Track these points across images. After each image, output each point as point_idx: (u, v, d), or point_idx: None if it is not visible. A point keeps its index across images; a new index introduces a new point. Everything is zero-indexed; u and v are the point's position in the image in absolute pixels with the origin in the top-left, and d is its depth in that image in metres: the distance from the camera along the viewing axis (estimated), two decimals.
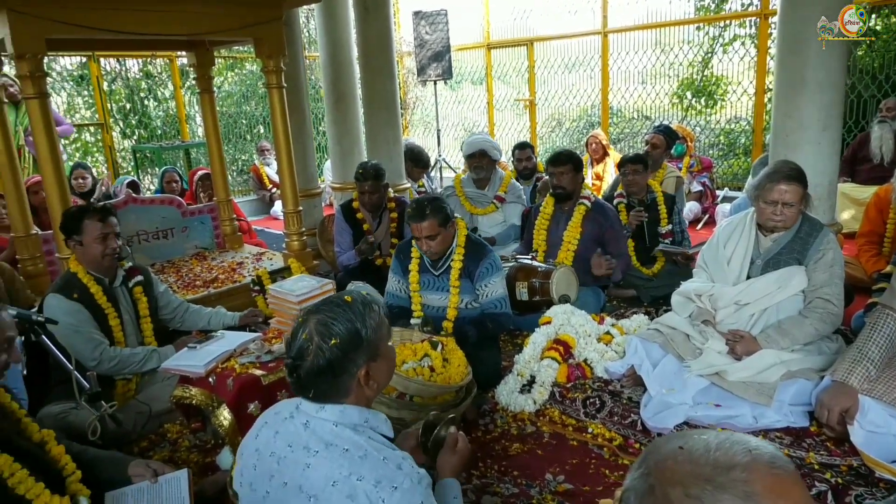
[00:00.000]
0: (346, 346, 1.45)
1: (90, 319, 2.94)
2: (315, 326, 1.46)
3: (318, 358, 1.43)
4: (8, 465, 1.78)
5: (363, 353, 1.48)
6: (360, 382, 1.48)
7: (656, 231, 4.35)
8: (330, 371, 1.44)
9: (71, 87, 8.03)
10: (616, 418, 2.77)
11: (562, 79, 8.80)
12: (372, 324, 1.50)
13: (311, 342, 1.45)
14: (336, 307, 1.49)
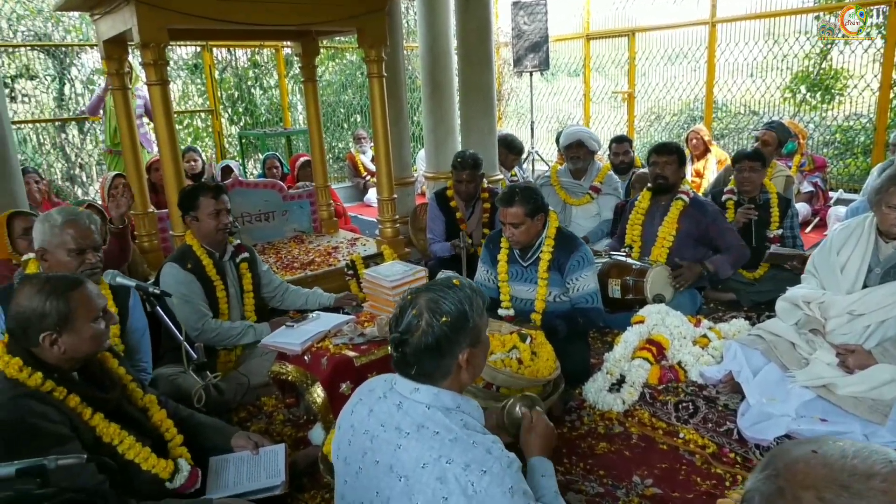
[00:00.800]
0: (454, 326, 1.46)
1: (200, 290, 3.13)
2: (426, 304, 1.48)
3: (426, 335, 1.45)
4: (117, 433, 1.91)
5: (467, 337, 1.49)
6: (459, 366, 1.49)
7: (764, 234, 4.11)
8: (437, 349, 1.45)
9: (185, 76, 8.52)
10: (710, 425, 2.67)
11: (663, 71, 8.50)
12: (478, 309, 1.51)
13: (421, 318, 1.46)
14: (446, 288, 1.51)
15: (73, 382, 1.87)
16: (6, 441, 1.66)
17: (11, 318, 1.81)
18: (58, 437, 1.73)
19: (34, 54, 7.63)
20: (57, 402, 1.79)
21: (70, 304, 1.80)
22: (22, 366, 1.76)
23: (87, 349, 1.86)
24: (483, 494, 1.31)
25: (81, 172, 7.91)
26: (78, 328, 1.81)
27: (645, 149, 8.56)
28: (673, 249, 3.83)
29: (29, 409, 1.71)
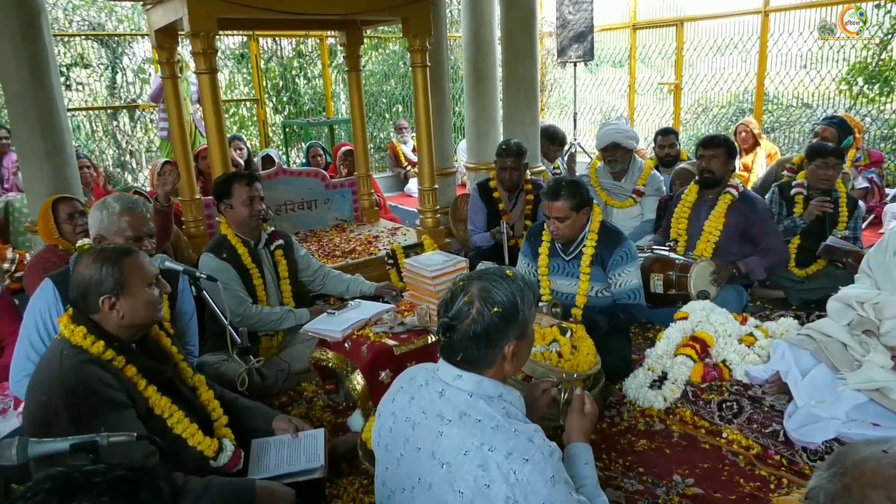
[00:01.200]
0: (504, 317, 1.45)
1: (237, 278, 3.19)
2: (478, 292, 1.47)
3: (476, 323, 1.44)
4: (168, 407, 1.97)
5: (516, 329, 1.48)
6: (504, 357, 1.48)
7: (830, 233, 3.97)
8: (485, 338, 1.45)
9: (232, 65, 8.66)
10: (755, 426, 2.60)
11: (711, 61, 8.28)
12: (528, 302, 1.50)
13: (472, 306, 1.46)
14: (500, 278, 1.50)
15: (131, 353, 1.94)
16: (71, 402, 1.73)
17: (73, 287, 1.90)
18: (116, 403, 1.80)
19: (88, 44, 7.86)
20: (116, 370, 1.86)
21: (124, 269, 1.88)
22: (86, 334, 1.84)
23: (142, 314, 1.92)
24: (524, 483, 1.30)
25: (131, 159, 8.13)
26: (133, 292, 1.89)
27: (691, 141, 8.38)
28: (719, 244, 3.74)
29: (91, 374, 1.79)
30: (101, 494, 0.75)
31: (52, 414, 1.73)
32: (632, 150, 4.80)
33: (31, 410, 1.80)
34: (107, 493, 0.75)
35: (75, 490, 0.75)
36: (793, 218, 4.00)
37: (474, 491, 1.33)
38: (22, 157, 3.84)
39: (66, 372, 1.77)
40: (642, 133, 8.63)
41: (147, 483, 0.78)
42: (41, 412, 1.75)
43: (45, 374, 1.81)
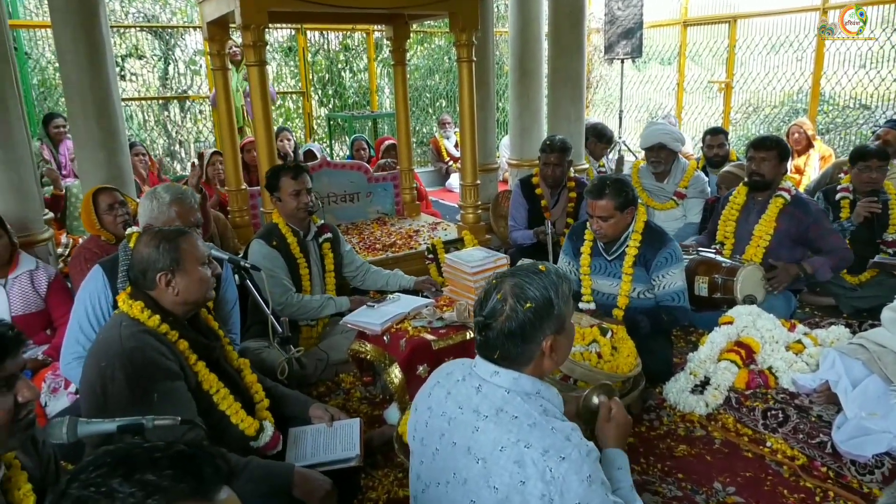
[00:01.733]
0: (539, 312, 1.44)
1: (284, 267, 3.24)
2: (511, 289, 1.47)
3: (510, 321, 1.44)
4: (216, 382, 2.04)
5: (552, 324, 1.47)
6: (543, 352, 1.47)
7: (880, 235, 3.83)
8: (520, 335, 1.44)
9: (280, 58, 8.78)
10: (801, 436, 2.52)
11: (764, 60, 8.04)
12: (563, 296, 1.48)
13: (506, 303, 1.45)
14: (532, 274, 1.49)
15: (184, 328, 2.02)
16: (130, 367, 1.81)
17: (132, 265, 2.00)
18: (170, 371, 1.87)
19: (143, 35, 8.07)
20: (170, 343, 1.94)
21: (180, 248, 1.97)
22: (143, 308, 1.93)
23: (195, 291, 1.99)
24: (560, 481, 1.29)
25: (180, 149, 8.33)
26: (188, 269, 1.97)
27: (740, 142, 8.17)
28: (769, 249, 3.63)
29: (148, 342, 1.88)
30: (164, 468, 0.76)
31: (108, 377, 1.81)
32: (677, 151, 4.69)
33: (90, 376, 1.87)
34: (170, 467, 0.77)
35: (137, 464, 0.77)
36: (840, 222, 3.87)
37: (509, 487, 1.32)
38: (77, 145, 3.97)
39: (126, 339, 1.86)
40: (689, 132, 8.45)
41: (207, 459, 0.80)
42: (98, 378, 1.83)
43: (105, 342, 1.90)
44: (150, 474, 0.76)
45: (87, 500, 0.74)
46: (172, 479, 0.76)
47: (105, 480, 0.75)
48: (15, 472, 1.39)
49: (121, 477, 0.75)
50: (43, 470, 1.51)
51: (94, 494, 0.74)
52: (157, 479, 0.75)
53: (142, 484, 0.75)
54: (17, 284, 3.07)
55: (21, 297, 3.06)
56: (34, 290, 3.10)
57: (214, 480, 0.79)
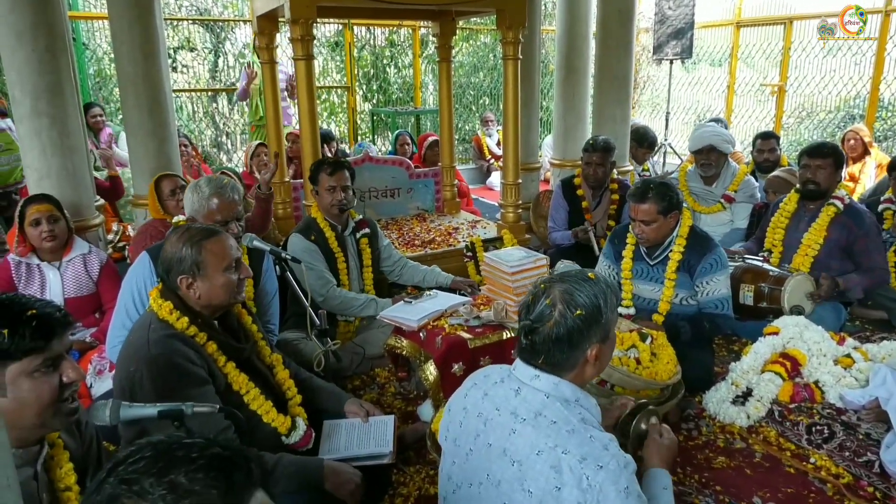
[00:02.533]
0: (587, 320, 1.43)
1: (322, 260, 3.27)
2: (560, 294, 1.46)
3: (559, 326, 1.43)
4: (245, 383, 2.03)
5: (599, 333, 1.46)
6: (587, 360, 1.46)
7: None
8: (567, 341, 1.43)
9: (326, 52, 8.87)
10: (847, 454, 2.43)
11: (820, 63, 7.79)
12: (611, 305, 1.47)
13: (555, 309, 1.44)
14: (582, 281, 1.48)
15: (213, 330, 2.01)
16: (157, 374, 1.82)
17: (160, 263, 1.99)
18: (196, 378, 1.87)
19: (194, 28, 8.25)
20: (198, 346, 1.94)
21: (202, 251, 1.93)
22: (172, 309, 1.92)
23: (218, 296, 1.97)
24: (597, 490, 1.27)
25: (227, 140, 8.49)
26: (210, 275, 1.94)
27: (792, 147, 7.93)
28: (817, 259, 3.51)
29: (175, 349, 1.87)
30: (198, 470, 0.78)
31: (137, 384, 1.82)
32: (727, 154, 4.57)
33: (120, 377, 1.90)
34: (203, 469, 0.78)
35: (173, 463, 0.78)
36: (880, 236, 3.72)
37: (544, 492, 1.31)
38: (129, 134, 4.07)
39: (153, 344, 1.86)
40: (739, 136, 8.24)
41: (241, 463, 0.81)
42: (128, 382, 1.84)
43: (134, 345, 1.90)
44: (183, 476, 0.77)
45: (119, 497, 0.76)
46: (204, 484, 0.77)
47: (138, 479, 0.77)
48: (58, 451, 1.42)
49: (154, 476, 0.77)
50: (85, 450, 1.55)
51: (126, 492, 0.76)
52: (188, 483, 0.77)
53: (172, 486, 0.76)
54: (71, 268, 3.17)
55: (74, 280, 3.16)
56: (87, 274, 3.20)
57: (246, 486, 0.80)
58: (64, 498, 1.41)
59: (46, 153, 3.59)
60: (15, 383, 1.29)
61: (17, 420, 1.30)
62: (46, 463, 1.40)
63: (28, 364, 1.29)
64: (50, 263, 3.13)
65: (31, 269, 3.11)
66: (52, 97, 3.52)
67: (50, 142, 3.57)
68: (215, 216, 2.62)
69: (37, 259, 3.12)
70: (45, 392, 1.31)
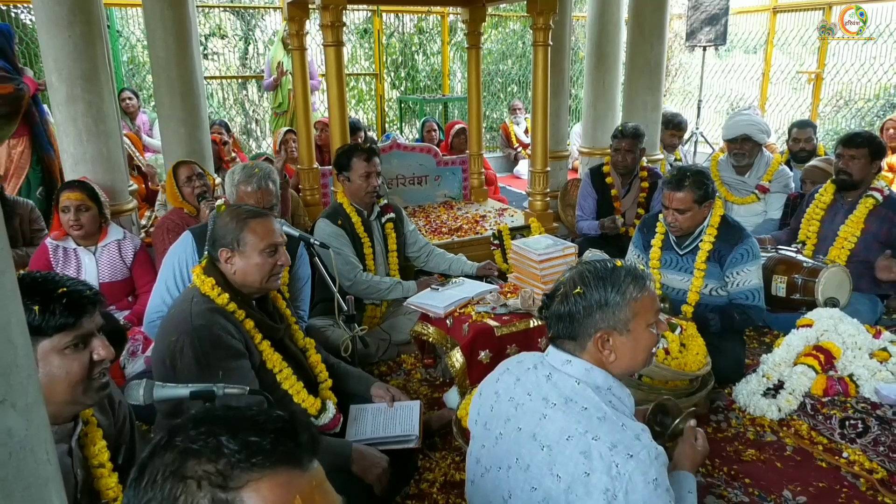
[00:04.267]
0: (587, 301, 1.45)
1: (349, 245, 3.29)
2: (574, 274, 1.51)
3: (561, 303, 1.48)
4: (279, 362, 2.08)
5: (606, 319, 1.44)
6: (597, 346, 1.46)
7: None
8: (568, 318, 1.47)
9: (355, 39, 8.88)
10: (882, 448, 2.38)
11: (860, 50, 7.56)
12: (628, 295, 1.45)
13: (564, 285, 1.50)
14: (601, 266, 1.50)
15: (251, 308, 2.07)
16: (198, 344, 1.88)
17: (210, 231, 2.06)
18: (234, 350, 1.93)
19: (226, 15, 8.31)
20: (237, 321, 1.99)
21: (245, 229, 2.00)
22: (214, 285, 1.99)
23: (252, 276, 2.01)
24: (626, 478, 1.26)
25: (256, 127, 8.56)
26: (247, 253, 1.99)
27: (828, 136, 7.74)
28: (855, 251, 3.43)
29: (216, 321, 1.93)
30: (268, 432, 0.77)
31: (178, 352, 1.88)
32: (762, 144, 4.47)
33: (160, 348, 1.95)
34: (272, 431, 0.78)
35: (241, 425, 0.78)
36: None
37: (573, 477, 1.30)
38: (161, 120, 4.13)
39: (195, 316, 1.92)
40: (774, 125, 8.06)
41: (303, 429, 0.81)
42: (168, 351, 1.90)
43: (176, 317, 1.97)
44: (254, 435, 0.77)
45: (195, 453, 0.75)
46: (274, 443, 0.77)
47: (212, 437, 0.76)
48: (91, 428, 1.46)
49: (227, 435, 0.76)
50: (118, 428, 1.58)
51: (202, 448, 0.75)
52: (259, 440, 0.76)
53: (246, 444, 0.76)
54: (106, 253, 3.23)
55: (109, 264, 3.23)
56: (121, 259, 3.26)
57: (309, 449, 0.80)
58: (97, 474, 1.44)
59: (82, 139, 3.66)
60: (46, 360, 1.32)
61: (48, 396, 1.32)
62: (80, 440, 1.43)
63: (59, 341, 1.32)
64: (86, 248, 3.20)
65: (67, 253, 3.17)
66: (87, 83, 3.58)
67: (85, 127, 3.64)
68: (245, 203, 2.65)
69: (73, 243, 3.19)
70: (75, 369, 1.34)
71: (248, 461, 0.74)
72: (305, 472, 0.78)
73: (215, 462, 0.74)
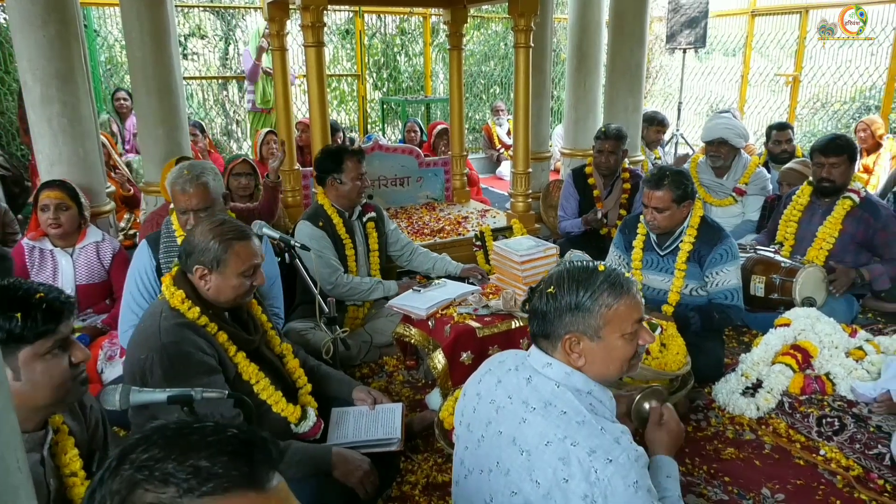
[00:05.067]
0: (559, 301, 1.44)
1: (331, 247, 3.27)
2: (554, 272, 1.51)
3: (538, 301, 1.48)
4: (255, 373, 2.04)
5: (577, 322, 1.42)
6: (567, 347, 1.44)
7: None
8: (541, 315, 1.47)
9: (337, 40, 8.84)
10: (858, 446, 2.42)
11: (836, 53, 7.68)
12: (601, 301, 1.42)
13: (544, 283, 1.51)
14: (582, 270, 1.47)
15: (224, 321, 2.02)
16: (168, 362, 1.83)
17: (184, 242, 2.00)
18: (206, 367, 1.89)
19: (205, 15, 8.23)
20: (209, 336, 1.95)
21: (228, 251, 1.94)
22: (184, 298, 1.93)
23: (226, 295, 1.98)
24: (605, 483, 1.25)
25: (237, 128, 8.49)
26: (226, 274, 1.95)
27: (805, 138, 7.85)
28: (832, 253, 3.48)
29: (186, 337, 1.88)
30: (219, 453, 0.73)
31: (147, 371, 1.84)
32: (739, 148, 4.51)
33: (131, 365, 1.91)
34: (224, 452, 0.73)
35: (192, 447, 0.73)
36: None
37: (552, 483, 1.30)
38: (140, 120, 4.08)
39: (164, 332, 1.87)
40: (752, 127, 8.16)
41: (260, 444, 0.76)
42: (138, 368, 1.86)
43: (145, 334, 1.92)
44: (205, 460, 0.72)
45: (141, 483, 0.71)
46: (226, 466, 0.72)
47: (160, 464, 0.71)
48: (62, 436, 1.44)
49: (175, 461, 0.71)
50: (89, 434, 1.56)
51: (147, 478, 0.71)
52: (210, 465, 0.71)
53: (196, 469, 0.71)
54: (84, 255, 3.19)
55: (86, 267, 3.18)
56: (99, 261, 3.22)
57: (266, 467, 0.76)
58: (70, 483, 1.42)
59: (58, 140, 3.60)
60: (28, 366, 1.31)
61: (29, 402, 1.32)
62: (52, 448, 1.41)
63: (40, 347, 1.32)
64: (63, 249, 3.15)
65: (43, 255, 3.12)
66: (62, 83, 3.53)
67: (61, 128, 3.59)
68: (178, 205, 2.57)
69: (50, 244, 3.14)
70: (57, 373, 1.35)
71: (199, 489, 0.70)
72: (263, 491, 0.74)
73: (162, 492, 0.70)
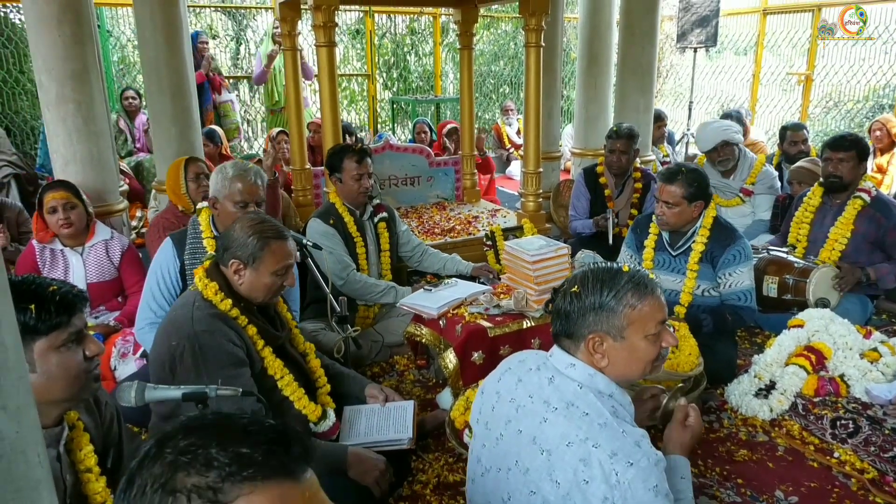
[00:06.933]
0: (583, 301, 1.45)
1: (342, 244, 3.28)
2: (578, 273, 1.52)
3: (561, 301, 1.50)
4: (280, 369, 2.08)
5: (601, 322, 1.44)
6: (590, 347, 1.45)
7: None
8: (564, 315, 1.48)
9: (347, 40, 8.85)
10: (873, 448, 2.40)
11: (849, 51, 7.62)
12: (625, 302, 1.43)
13: (568, 283, 1.51)
14: (607, 270, 1.50)
15: (254, 315, 2.05)
16: (199, 350, 1.87)
17: (223, 236, 2.05)
18: (235, 358, 1.92)
19: (217, 15, 8.28)
20: (239, 328, 1.98)
21: (265, 249, 1.98)
22: (217, 290, 1.97)
23: (258, 292, 2.01)
24: (626, 486, 1.25)
25: (248, 128, 8.52)
26: (261, 272, 1.99)
27: (818, 137, 7.79)
28: (846, 253, 3.45)
29: (218, 328, 1.92)
30: (259, 443, 0.74)
31: (178, 357, 1.87)
32: (738, 143, 4.48)
33: (160, 351, 1.94)
34: (265, 442, 0.75)
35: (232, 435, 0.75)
36: None
37: (572, 484, 1.30)
38: (153, 120, 4.11)
39: (197, 321, 1.91)
40: (764, 126, 8.12)
41: (296, 437, 0.78)
42: (168, 355, 1.89)
43: (178, 321, 1.95)
44: (246, 447, 0.73)
45: (184, 466, 0.72)
46: (266, 455, 0.73)
47: (202, 449, 0.72)
48: (78, 433, 1.45)
49: (217, 447, 0.73)
50: (104, 430, 1.57)
51: (192, 460, 0.72)
52: (251, 452, 0.73)
53: (237, 456, 0.72)
54: (93, 253, 3.21)
55: (96, 265, 3.20)
56: (108, 259, 3.24)
57: (302, 459, 0.77)
58: (85, 479, 1.43)
59: (72, 139, 3.63)
60: (44, 358, 1.33)
61: (46, 396, 1.33)
62: (68, 444, 1.43)
63: (55, 339, 1.34)
64: (72, 249, 3.17)
65: (54, 255, 3.15)
66: (77, 83, 3.56)
67: (75, 127, 3.62)
68: (235, 198, 2.63)
69: (60, 244, 3.16)
70: (72, 365, 1.36)
71: (240, 474, 0.71)
72: (299, 483, 0.76)
73: (205, 475, 0.71)
